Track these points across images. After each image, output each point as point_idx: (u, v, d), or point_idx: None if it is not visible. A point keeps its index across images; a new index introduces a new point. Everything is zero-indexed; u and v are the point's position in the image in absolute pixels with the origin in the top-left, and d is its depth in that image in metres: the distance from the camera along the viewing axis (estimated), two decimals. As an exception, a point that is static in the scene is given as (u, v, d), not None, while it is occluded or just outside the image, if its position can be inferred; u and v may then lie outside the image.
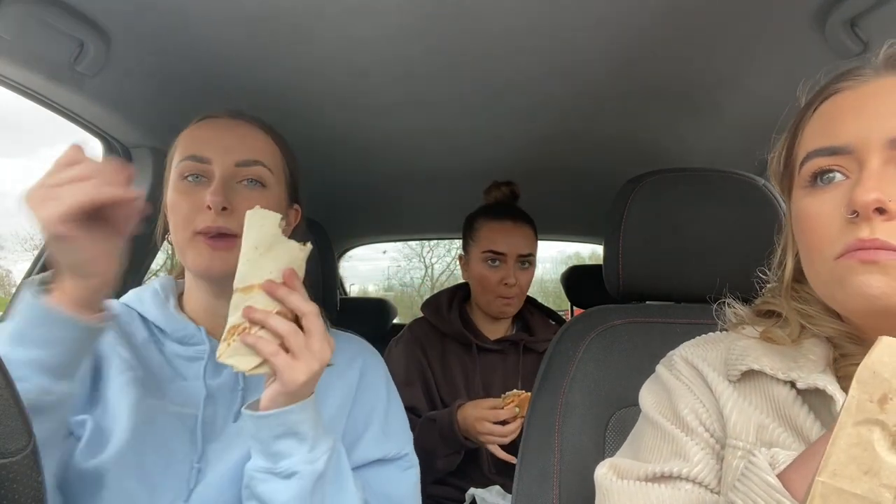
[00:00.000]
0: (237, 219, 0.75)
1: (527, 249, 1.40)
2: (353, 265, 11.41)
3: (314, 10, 0.88)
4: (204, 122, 0.82)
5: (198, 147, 0.78)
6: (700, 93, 1.17)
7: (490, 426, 1.20)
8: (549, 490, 0.81)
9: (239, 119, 0.82)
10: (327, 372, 0.83)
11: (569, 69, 1.08)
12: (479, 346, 1.42)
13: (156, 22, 0.91)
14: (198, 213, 0.75)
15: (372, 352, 0.93)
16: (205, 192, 0.75)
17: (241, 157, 0.78)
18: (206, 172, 0.77)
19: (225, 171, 0.77)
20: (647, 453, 0.61)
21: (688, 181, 0.94)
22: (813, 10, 0.85)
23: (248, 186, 0.79)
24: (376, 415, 0.85)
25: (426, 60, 1.04)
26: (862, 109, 0.52)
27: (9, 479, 0.37)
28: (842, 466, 0.35)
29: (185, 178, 0.78)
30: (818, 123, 0.55)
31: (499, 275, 1.39)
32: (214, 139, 0.79)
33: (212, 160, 0.77)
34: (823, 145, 0.53)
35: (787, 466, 0.45)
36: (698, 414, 0.60)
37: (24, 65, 0.89)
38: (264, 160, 0.80)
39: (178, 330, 0.80)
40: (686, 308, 0.92)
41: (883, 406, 0.35)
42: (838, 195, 0.51)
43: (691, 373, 0.63)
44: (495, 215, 1.43)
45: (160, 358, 0.79)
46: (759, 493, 0.44)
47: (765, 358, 0.58)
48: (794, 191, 0.58)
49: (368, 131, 1.37)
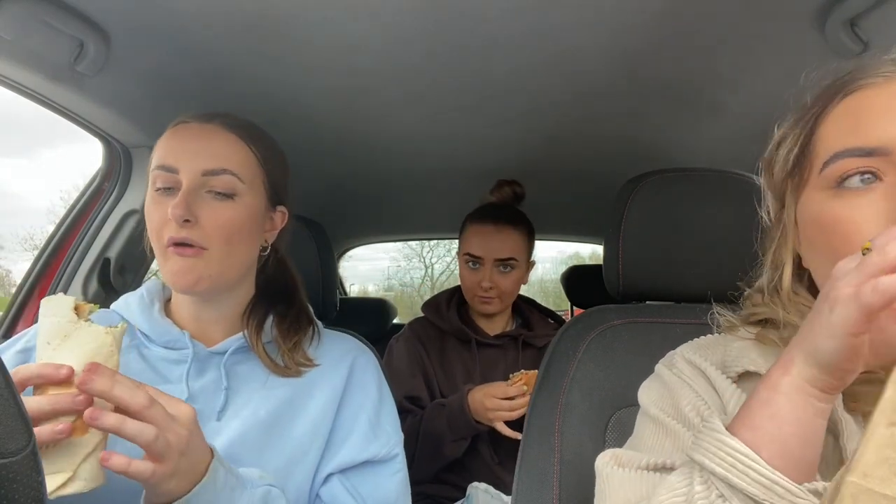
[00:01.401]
0: (203, 230, 0.75)
1: (506, 254, 1.41)
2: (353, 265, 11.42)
3: (314, 11, 0.88)
4: (176, 128, 0.81)
5: (167, 156, 0.77)
6: (700, 93, 1.17)
7: (498, 401, 1.24)
8: (549, 490, 0.81)
9: (210, 123, 0.80)
10: (313, 372, 0.83)
11: (569, 69, 1.08)
12: (479, 342, 1.44)
13: (156, 22, 0.90)
14: (166, 225, 0.75)
15: (363, 350, 0.92)
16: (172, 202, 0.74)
17: (208, 165, 0.76)
18: (176, 183, 0.76)
19: (191, 182, 0.76)
20: (649, 449, 0.61)
21: (688, 181, 0.93)
22: (813, 10, 0.85)
23: (216, 198, 0.77)
24: (365, 414, 0.84)
25: (426, 61, 1.04)
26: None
27: (9, 479, 0.37)
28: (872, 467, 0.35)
29: (157, 189, 0.77)
30: (844, 121, 0.52)
31: (476, 277, 1.42)
32: (183, 147, 0.78)
33: (179, 170, 0.76)
34: (855, 146, 0.50)
35: (733, 418, 0.47)
36: (700, 410, 0.60)
37: (24, 65, 0.89)
38: (233, 168, 0.78)
39: (161, 335, 0.79)
40: (686, 308, 0.92)
41: None
42: (875, 199, 0.48)
43: (693, 371, 0.63)
44: (479, 218, 1.45)
45: (140, 364, 0.78)
46: (710, 440, 0.46)
47: (761, 359, 0.58)
48: (809, 192, 0.55)
49: (368, 131, 1.37)
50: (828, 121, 0.54)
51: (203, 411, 0.76)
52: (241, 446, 0.75)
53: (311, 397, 0.81)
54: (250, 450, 0.75)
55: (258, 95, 1.13)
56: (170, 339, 0.79)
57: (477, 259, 1.42)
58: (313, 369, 0.84)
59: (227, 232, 0.77)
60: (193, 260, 0.75)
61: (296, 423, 0.80)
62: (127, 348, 0.78)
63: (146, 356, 0.79)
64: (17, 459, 0.38)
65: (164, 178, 0.77)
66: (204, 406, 0.76)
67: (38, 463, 0.40)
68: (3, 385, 0.39)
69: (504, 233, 1.41)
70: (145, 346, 0.80)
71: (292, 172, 0.91)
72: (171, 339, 0.79)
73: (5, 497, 0.37)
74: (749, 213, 0.88)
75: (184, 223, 0.74)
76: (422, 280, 13.20)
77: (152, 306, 0.82)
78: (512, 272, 1.43)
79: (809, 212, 0.55)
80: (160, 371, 0.78)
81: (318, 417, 0.81)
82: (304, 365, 0.83)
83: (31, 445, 0.39)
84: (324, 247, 1.11)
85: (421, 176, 1.75)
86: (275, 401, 0.79)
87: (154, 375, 0.78)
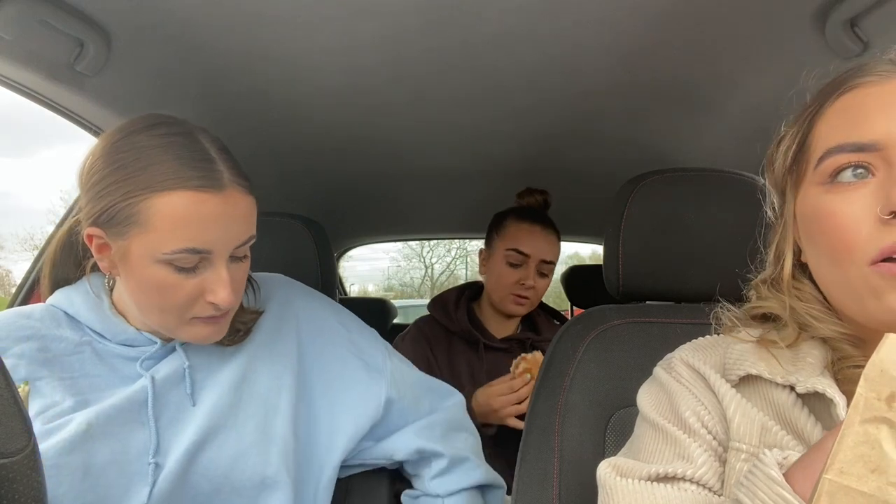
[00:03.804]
0: (237, 297, 0.75)
1: (550, 256, 1.42)
2: (352, 265, 11.42)
3: (314, 11, 0.88)
4: (191, 199, 0.67)
5: (196, 238, 0.67)
6: (700, 93, 1.17)
7: (505, 398, 1.23)
8: (549, 490, 0.81)
9: (226, 189, 0.70)
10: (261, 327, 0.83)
11: (569, 69, 1.08)
12: (486, 345, 1.43)
13: (156, 22, 0.90)
14: (196, 302, 0.71)
15: (298, 288, 0.93)
16: (201, 280, 0.70)
17: (241, 239, 0.72)
18: (204, 259, 0.70)
19: (227, 259, 0.72)
20: (649, 455, 0.60)
21: (688, 181, 0.94)
22: (813, 10, 0.85)
23: (242, 261, 0.75)
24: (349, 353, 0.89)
25: (426, 60, 1.04)
26: (891, 105, 0.49)
27: (9, 479, 0.37)
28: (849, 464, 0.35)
29: (174, 264, 0.68)
30: (839, 118, 0.53)
31: (518, 275, 1.41)
32: (213, 226, 0.68)
33: (213, 252, 0.70)
34: (847, 141, 0.51)
35: (792, 465, 0.45)
36: (700, 416, 0.59)
37: (24, 65, 0.89)
38: (253, 230, 0.75)
39: (117, 334, 0.76)
40: (686, 308, 0.92)
41: (891, 404, 0.34)
42: (867, 193, 0.49)
43: (692, 375, 0.62)
44: (526, 217, 1.44)
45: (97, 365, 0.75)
46: (764, 489, 0.44)
47: (762, 362, 0.57)
48: (806, 187, 0.55)
49: (368, 131, 1.37)
50: (824, 118, 0.55)
51: (172, 400, 0.75)
52: (218, 416, 0.75)
53: (270, 351, 0.83)
54: (226, 415, 0.76)
55: (258, 95, 1.13)
56: (127, 338, 0.77)
57: (524, 257, 1.40)
58: (260, 325, 0.84)
59: (244, 284, 0.78)
60: (224, 321, 0.75)
61: (259, 379, 0.81)
62: (78, 345, 0.74)
63: (101, 353, 0.76)
64: (17, 459, 0.38)
65: (193, 261, 0.69)
66: (175, 395, 0.76)
67: (38, 463, 0.40)
68: (3, 385, 0.39)
69: (551, 235, 1.43)
70: (98, 342, 0.76)
71: (292, 172, 0.91)
72: (128, 338, 0.77)
73: (5, 497, 0.37)
74: (749, 212, 0.88)
75: None
76: (422, 280, 13.20)
77: (101, 303, 0.77)
78: (546, 278, 1.43)
79: (806, 206, 0.55)
80: (118, 368, 0.75)
81: (280, 369, 0.82)
82: (248, 319, 0.82)
83: (32, 445, 0.39)
84: (323, 247, 1.11)
85: (421, 175, 1.75)
86: (235, 364, 0.80)
87: (113, 375, 0.75)
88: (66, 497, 0.65)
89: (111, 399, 0.72)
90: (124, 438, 0.71)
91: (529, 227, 1.42)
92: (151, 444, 0.72)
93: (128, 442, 0.71)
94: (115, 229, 0.68)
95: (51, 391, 0.70)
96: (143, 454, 0.72)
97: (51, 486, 0.58)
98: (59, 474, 0.65)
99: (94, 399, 0.72)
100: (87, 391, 0.72)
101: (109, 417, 0.70)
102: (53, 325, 0.75)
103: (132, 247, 0.68)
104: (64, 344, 0.74)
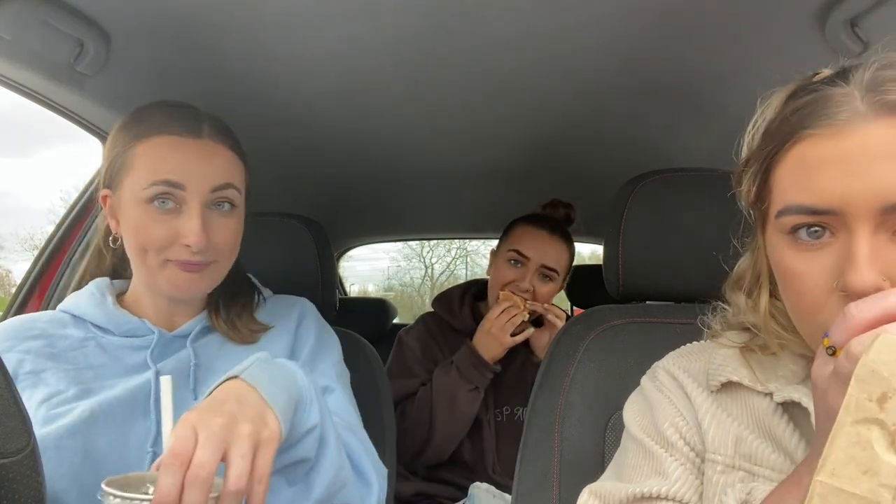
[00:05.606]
0: (214, 247, 0.77)
1: (552, 262, 1.40)
2: (352, 265, 11.42)
3: (314, 13, 0.88)
4: (169, 140, 0.76)
5: (170, 171, 0.75)
6: (700, 93, 1.17)
7: (499, 320, 1.32)
8: (549, 490, 0.81)
9: (203, 138, 0.78)
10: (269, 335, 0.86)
11: (568, 69, 1.08)
12: None
13: (156, 22, 0.90)
14: (172, 244, 0.75)
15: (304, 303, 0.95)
16: (177, 221, 0.74)
17: (216, 182, 0.77)
18: (178, 198, 0.75)
19: (202, 200, 0.76)
20: (630, 471, 0.62)
21: (688, 181, 0.94)
22: (813, 10, 0.85)
23: (222, 213, 0.78)
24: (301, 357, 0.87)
25: (426, 61, 1.04)
26: (848, 167, 0.46)
27: (9, 479, 0.37)
28: (840, 466, 0.35)
29: (153, 202, 0.75)
30: (796, 172, 0.50)
31: (514, 275, 1.40)
32: (187, 164, 0.76)
33: (186, 187, 0.75)
34: (804, 203, 0.48)
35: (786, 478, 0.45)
36: (678, 428, 0.60)
37: (24, 65, 0.89)
38: (235, 182, 0.79)
39: (120, 325, 0.80)
40: (686, 308, 0.92)
41: (882, 405, 0.34)
42: (825, 257, 0.48)
43: (673, 384, 0.63)
44: (536, 222, 1.44)
45: (101, 356, 0.78)
46: None
47: (743, 369, 0.58)
48: (770, 230, 0.54)
49: (368, 131, 1.37)
50: (781, 165, 0.52)
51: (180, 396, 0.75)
52: None
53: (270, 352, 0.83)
54: None
55: (258, 95, 1.13)
56: (130, 328, 0.80)
57: (524, 259, 1.40)
58: (268, 332, 0.87)
59: (232, 244, 0.81)
60: (199, 273, 0.77)
61: None
62: (83, 341, 0.78)
63: (105, 346, 0.79)
64: (17, 459, 0.38)
65: (167, 193, 0.74)
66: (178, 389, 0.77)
67: (38, 463, 0.40)
68: (3, 385, 0.39)
69: (556, 242, 1.42)
70: (103, 336, 0.80)
71: (293, 173, 0.91)
72: (131, 328, 0.80)
73: (5, 497, 0.37)
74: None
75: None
76: (422, 280, 13.20)
77: (105, 300, 0.82)
78: (549, 283, 1.42)
79: (772, 251, 0.54)
80: (122, 359, 0.78)
81: None
82: (257, 329, 0.86)
83: (32, 445, 0.39)
84: (323, 247, 1.11)
85: (421, 176, 1.75)
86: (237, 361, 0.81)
87: (116, 365, 0.78)
88: (65, 477, 0.67)
89: (115, 389, 0.74)
90: (126, 427, 0.73)
91: (534, 230, 1.42)
92: (151, 433, 0.74)
93: (129, 430, 0.73)
94: (114, 182, 0.78)
95: (56, 381, 0.73)
96: (142, 442, 0.73)
97: (51, 466, 0.61)
98: (59, 455, 0.67)
99: (97, 388, 0.74)
100: (91, 381, 0.75)
101: (113, 406, 0.73)
102: (59, 326, 0.80)
103: (124, 194, 0.76)
104: (69, 341, 0.78)
